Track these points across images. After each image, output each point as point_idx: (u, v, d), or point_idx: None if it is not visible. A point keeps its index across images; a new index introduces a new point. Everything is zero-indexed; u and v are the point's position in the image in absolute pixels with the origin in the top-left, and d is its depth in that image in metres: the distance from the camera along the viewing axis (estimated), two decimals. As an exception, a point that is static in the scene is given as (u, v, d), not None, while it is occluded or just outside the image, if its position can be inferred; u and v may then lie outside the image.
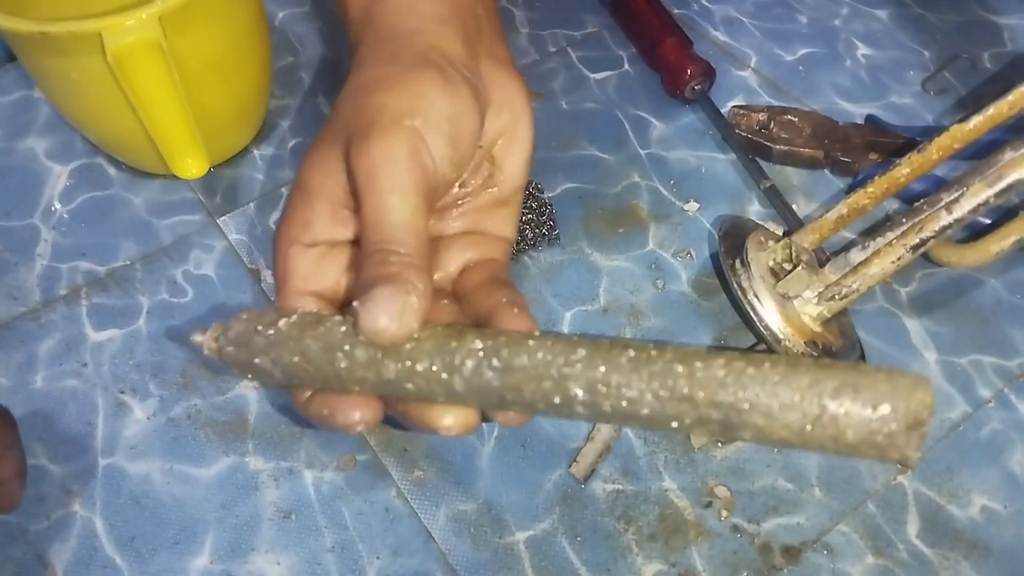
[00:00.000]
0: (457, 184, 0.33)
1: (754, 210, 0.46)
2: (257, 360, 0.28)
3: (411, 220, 0.27)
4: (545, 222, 0.44)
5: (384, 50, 0.31)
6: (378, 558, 0.35)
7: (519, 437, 0.38)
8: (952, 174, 0.42)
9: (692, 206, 0.46)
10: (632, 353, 0.25)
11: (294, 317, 0.28)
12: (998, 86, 0.43)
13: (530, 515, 0.36)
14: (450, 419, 0.27)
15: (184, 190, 0.47)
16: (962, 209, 0.37)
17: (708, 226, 0.45)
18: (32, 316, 0.42)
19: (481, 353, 0.26)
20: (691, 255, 0.44)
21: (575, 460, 0.37)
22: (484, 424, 0.38)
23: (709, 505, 0.36)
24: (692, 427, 0.24)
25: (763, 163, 0.48)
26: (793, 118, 0.48)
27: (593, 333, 0.41)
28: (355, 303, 0.26)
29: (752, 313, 0.38)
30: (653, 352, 0.25)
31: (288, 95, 0.51)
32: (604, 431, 0.38)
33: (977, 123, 0.39)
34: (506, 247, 0.34)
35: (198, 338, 0.29)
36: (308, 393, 0.29)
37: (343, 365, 0.27)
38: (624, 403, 0.24)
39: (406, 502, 0.36)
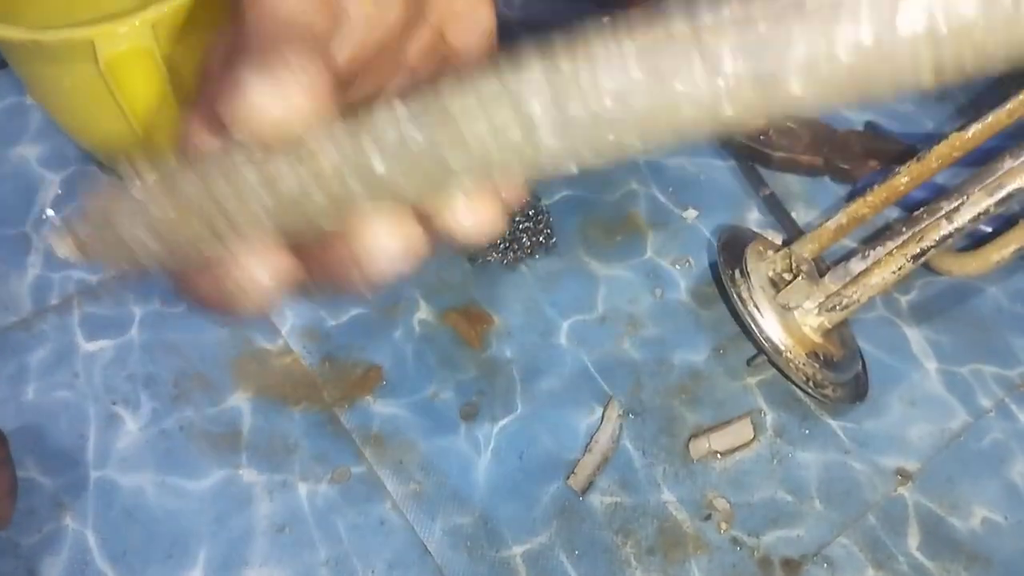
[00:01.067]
0: (392, 73, 0.25)
1: (753, 218, 0.46)
2: (127, 235, 0.21)
3: (305, 13, 0.20)
4: (542, 230, 0.44)
5: None
6: (373, 572, 0.34)
7: (516, 448, 0.38)
8: (953, 181, 0.42)
9: (691, 214, 0.46)
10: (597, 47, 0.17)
11: (161, 172, 0.21)
12: (998, 92, 0.43)
13: (527, 528, 0.36)
14: (378, 227, 0.19)
15: (178, 198, 0.46)
16: (962, 218, 0.37)
17: (707, 234, 0.45)
18: (23, 326, 0.41)
19: (399, 114, 0.19)
20: (690, 263, 0.44)
21: (573, 472, 0.37)
22: (476, 427, 0.38)
23: (708, 518, 0.36)
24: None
25: (762, 170, 0.47)
26: (792, 125, 0.48)
27: (591, 343, 0.41)
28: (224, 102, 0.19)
29: (752, 324, 0.38)
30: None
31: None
32: (602, 442, 0.38)
33: (976, 131, 0.39)
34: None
35: (55, 238, 0.22)
36: (195, 272, 0.22)
37: (230, 204, 0.20)
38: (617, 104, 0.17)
39: (401, 515, 0.36)
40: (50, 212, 0.46)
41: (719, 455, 0.38)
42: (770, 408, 0.39)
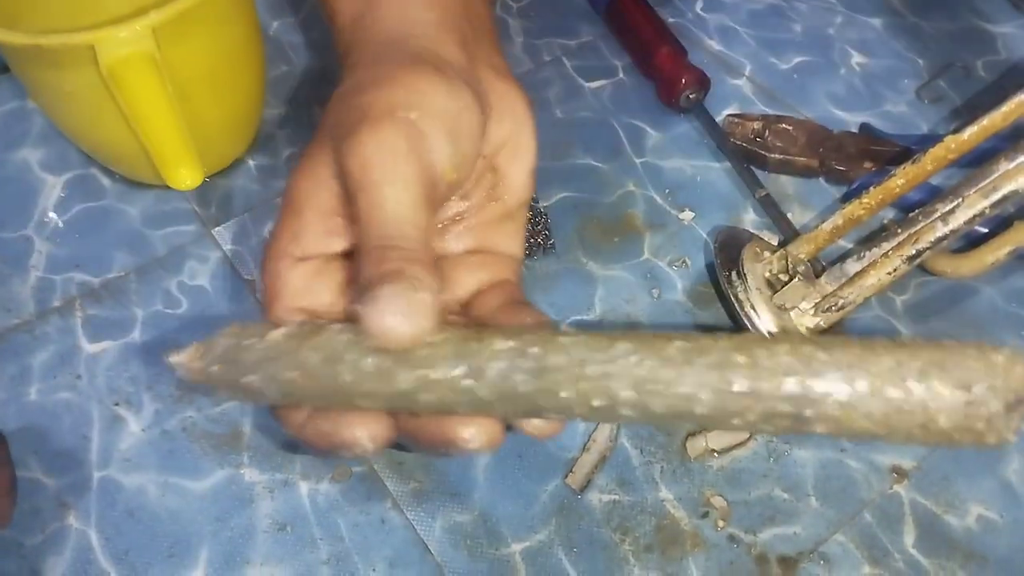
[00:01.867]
0: (460, 197, 0.31)
1: (749, 219, 0.46)
2: (248, 379, 0.25)
3: (411, 213, 0.25)
4: (540, 231, 0.44)
5: (374, 53, 0.29)
6: (374, 570, 0.35)
7: (515, 448, 0.38)
8: (948, 182, 0.42)
9: (687, 215, 0.46)
10: (680, 343, 0.22)
11: (289, 328, 0.26)
12: (993, 95, 0.43)
13: (526, 526, 0.36)
14: (472, 430, 0.24)
15: (178, 200, 0.47)
16: (957, 220, 0.37)
17: (704, 235, 0.45)
18: (26, 328, 0.41)
19: (509, 353, 0.23)
20: (686, 264, 0.44)
21: (571, 471, 0.37)
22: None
23: (706, 515, 0.36)
24: (758, 423, 0.21)
25: (758, 172, 0.48)
26: (788, 127, 0.48)
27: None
28: (356, 305, 0.23)
29: (749, 325, 0.38)
30: (705, 341, 0.21)
31: (282, 105, 0.51)
32: (600, 441, 0.38)
33: (971, 134, 0.39)
34: (517, 267, 0.32)
35: (176, 358, 0.27)
36: (304, 414, 0.26)
37: (348, 378, 0.24)
38: (678, 401, 0.21)
39: (402, 513, 0.36)
40: (52, 215, 0.46)
41: (716, 453, 0.38)
42: (767, 407, 0.39)
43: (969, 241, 0.43)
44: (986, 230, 0.43)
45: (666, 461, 0.38)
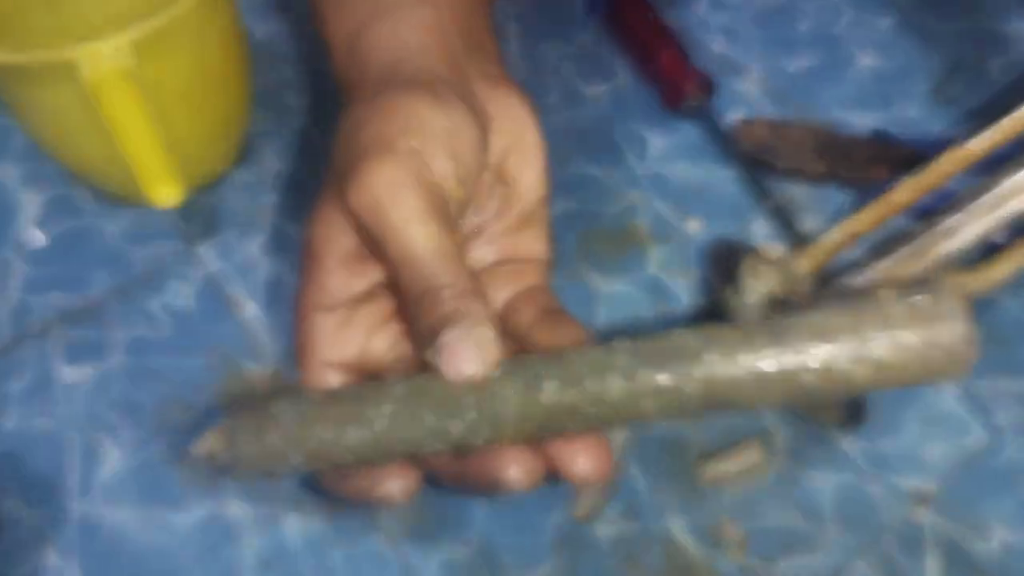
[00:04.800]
0: (473, 212, 0.31)
1: (758, 227, 0.45)
2: (281, 459, 0.26)
3: (440, 247, 0.26)
4: (540, 245, 0.43)
5: (372, 83, 0.30)
6: (367, 609, 0.33)
7: (516, 475, 0.36)
8: (960, 187, 0.41)
9: (694, 225, 0.45)
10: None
11: (311, 396, 0.27)
12: (1007, 97, 0.42)
13: (529, 559, 0.34)
14: (513, 464, 0.26)
15: (161, 218, 0.45)
16: (964, 239, 0.36)
17: (711, 246, 0.44)
18: (2, 353, 0.40)
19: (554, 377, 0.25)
20: (693, 277, 0.43)
21: (576, 499, 0.36)
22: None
23: (718, 544, 0.35)
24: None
25: (767, 179, 0.46)
26: (797, 131, 0.47)
27: (592, 361, 0.40)
28: (426, 356, 0.25)
29: None
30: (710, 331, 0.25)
31: (269, 117, 0.50)
32: (605, 466, 0.36)
33: (976, 146, 0.38)
34: (544, 269, 0.33)
35: (201, 449, 0.27)
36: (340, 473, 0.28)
37: (380, 426, 0.25)
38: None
39: (396, 549, 0.34)
40: (31, 234, 0.45)
41: (728, 478, 0.36)
42: (780, 429, 0.38)
43: (983, 252, 0.42)
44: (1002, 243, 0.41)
45: (675, 488, 0.36)
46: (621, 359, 0.25)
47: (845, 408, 0.37)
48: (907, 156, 0.45)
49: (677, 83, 0.48)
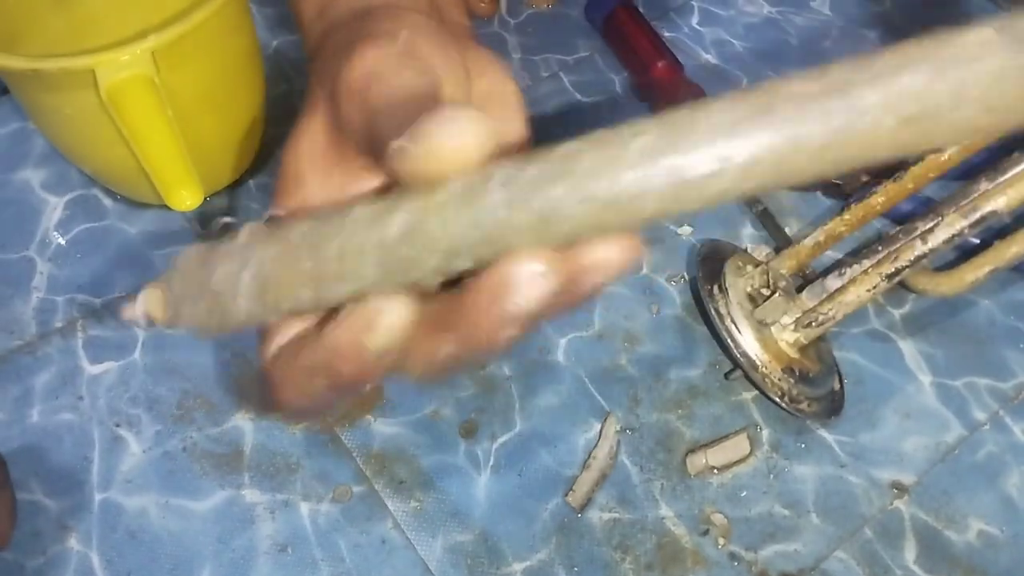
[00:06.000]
0: None
1: (747, 233, 0.46)
2: (217, 278, 0.20)
3: (427, 92, 0.22)
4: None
5: (344, 28, 0.28)
6: (375, 591, 0.35)
7: (515, 465, 0.38)
8: (942, 193, 0.42)
9: (685, 230, 0.46)
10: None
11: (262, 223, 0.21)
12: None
13: (527, 545, 0.36)
14: (520, 263, 0.18)
15: (179, 220, 0.47)
16: (937, 239, 0.38)
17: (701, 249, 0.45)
18: (28, 350, 0.42)
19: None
20: (685, 279, 0.44)
21: (571, 489, 0.37)
22: (475, 445, 0.38)
23: (706, 533, 0.36)
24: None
25: (756, 186, 0.48)
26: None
27: (588, 359, 0.41)
28: (393, 145, 0.19)
29: (729, 339, 0.38)
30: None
31: (283, 124, 0.52)
32: (600, 458, 0.38)
33: (951, 153, 0.39)
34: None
35: (132, 311, 0.23)
36: (294, 329, 0.22)
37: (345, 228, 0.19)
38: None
39: (402, 533, 0.36)
40: (54, 236, 0.46)
41: (716, 470, 0.38)
42: (766, 423, 0.39)
43: (962, 252, 0.44)
44: (978, 241, 0.43)
45: (666, 478, 0.38)
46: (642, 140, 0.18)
47: (821, 401, 0.39)
48: (889, 163, 0.47)
49: (671, 94, 0.50)
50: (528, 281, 0.18)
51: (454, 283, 0.19)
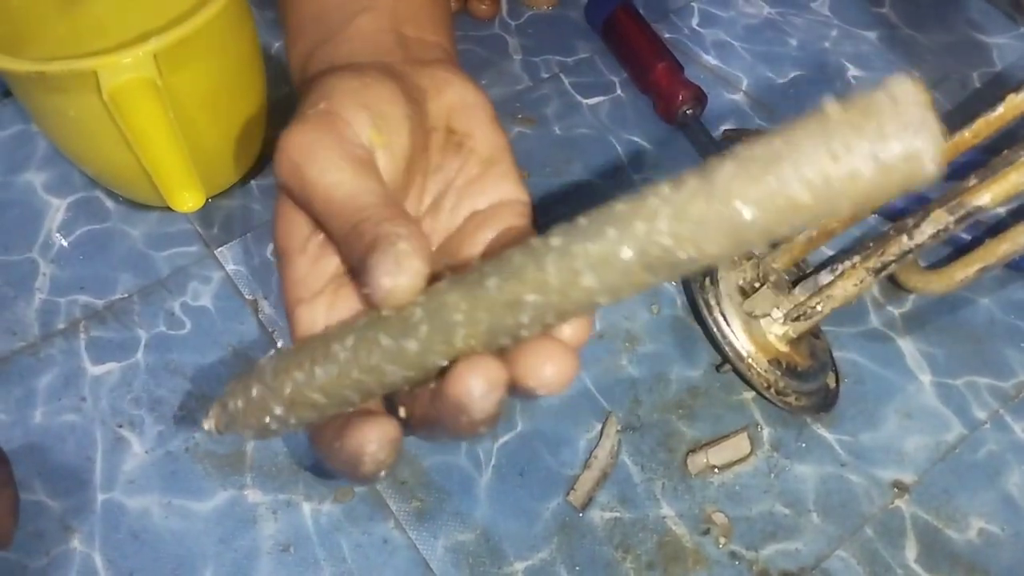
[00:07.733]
0: (433, 172, 0.31)
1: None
2: (266, 412, 0.26)
3: (359, 184, 0.25)
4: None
5: (304, 96, 0.31)
6: (377, 590, 0.35)
7: (517, 465, 0.38)
8: (935, 193, 0.42)
9: (686, 230, 0.46)
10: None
11: (278, 353, 0.26)
12: (986, 106, 0.44)
13: (528, 545, 0.36)
14: (473, 373, 0.23)
15: (182, 222, 0.47)
16: (923, 235, 0.38)
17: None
18: (31, 351, 0.42)
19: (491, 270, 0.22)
20: (684, 278, 0.44)
21: (573, 488, 0.37)
22: (477, 445, 0.38)
23: (707, 532, 0.36)
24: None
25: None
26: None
27: (589, 359, 0.41)
28: (362, 290, 0.24)
29: (716, 329, 0.38)
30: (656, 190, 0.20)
31: (285, 126, 0.52)
32: (601, 458, 0.38)
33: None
34: (523, 209, 0.31)
35: (207, 426, 0.28)
36: (331, 430, 0.26)
37: (343, 357, 0.24)
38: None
39: (404, 533, 0.36)
40: (57, 237, 0.46)
41: (717, 470, 0.38)
42: (766, 422, 0.40)
43: (956, 250, 0.44)
44: (969, 238, 0.43)
45: (667, 478, 0.38)
46: (555, 240, 0.22)
47: (811, 395, 0.39)
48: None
49: (671, 95, 0.50)
50: (480, 398, 0.23)
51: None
